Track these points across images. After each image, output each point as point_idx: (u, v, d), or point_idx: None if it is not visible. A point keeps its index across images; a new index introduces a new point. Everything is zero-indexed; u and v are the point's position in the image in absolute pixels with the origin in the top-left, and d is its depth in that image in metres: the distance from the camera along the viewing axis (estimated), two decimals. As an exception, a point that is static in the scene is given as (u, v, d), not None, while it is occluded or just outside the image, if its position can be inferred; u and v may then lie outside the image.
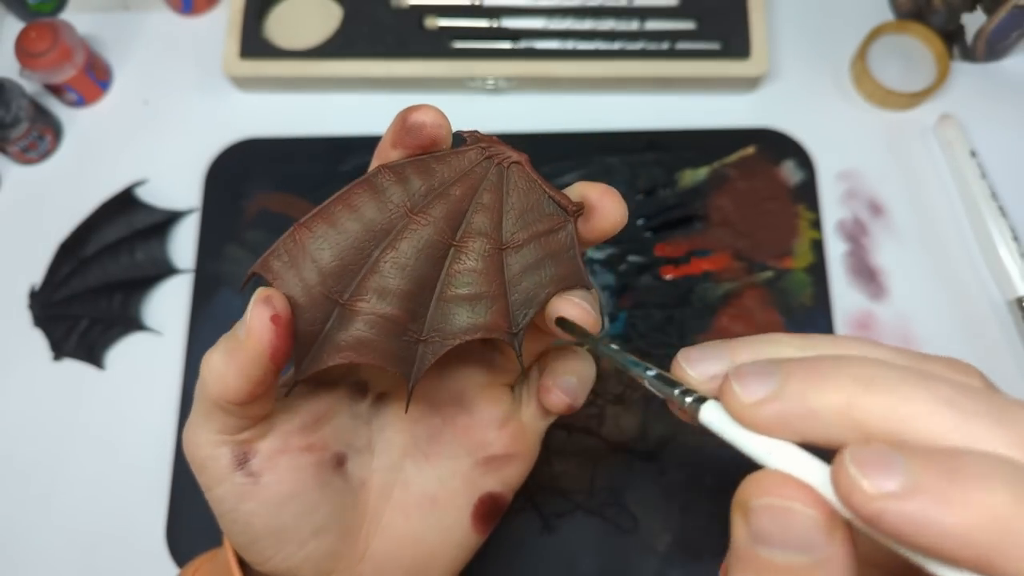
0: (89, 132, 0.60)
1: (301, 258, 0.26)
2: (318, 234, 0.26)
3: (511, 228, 0.28)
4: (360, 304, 0.26)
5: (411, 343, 0.27)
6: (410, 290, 0.27)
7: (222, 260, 0.55)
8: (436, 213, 0.27)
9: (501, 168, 0.28)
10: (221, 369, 0.25)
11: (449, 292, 0.27)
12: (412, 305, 0.27)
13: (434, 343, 0.27)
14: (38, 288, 0.55)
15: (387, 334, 0.26)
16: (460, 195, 0.27)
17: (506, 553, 0.49)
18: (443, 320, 0.27)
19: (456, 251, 0.28)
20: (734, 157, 0.57)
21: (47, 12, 0.62)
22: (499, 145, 0.28)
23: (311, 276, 0.26)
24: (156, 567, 0.49)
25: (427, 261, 0.27)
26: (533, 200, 0.28)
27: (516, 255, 0.28)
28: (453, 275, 0.27)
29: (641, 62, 0.57)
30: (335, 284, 0.26)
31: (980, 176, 0.54)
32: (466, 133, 0.29)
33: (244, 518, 0.28)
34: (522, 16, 0.58)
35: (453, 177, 0.28)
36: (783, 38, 0.61)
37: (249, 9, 0.58)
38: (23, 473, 0.52)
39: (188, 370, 0.53)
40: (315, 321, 0.26)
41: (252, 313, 0.25)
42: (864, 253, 0.55)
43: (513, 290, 0.27)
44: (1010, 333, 0.53)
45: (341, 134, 0.58)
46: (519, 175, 0.28)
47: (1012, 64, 0.59)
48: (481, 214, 0.28)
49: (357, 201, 0.27)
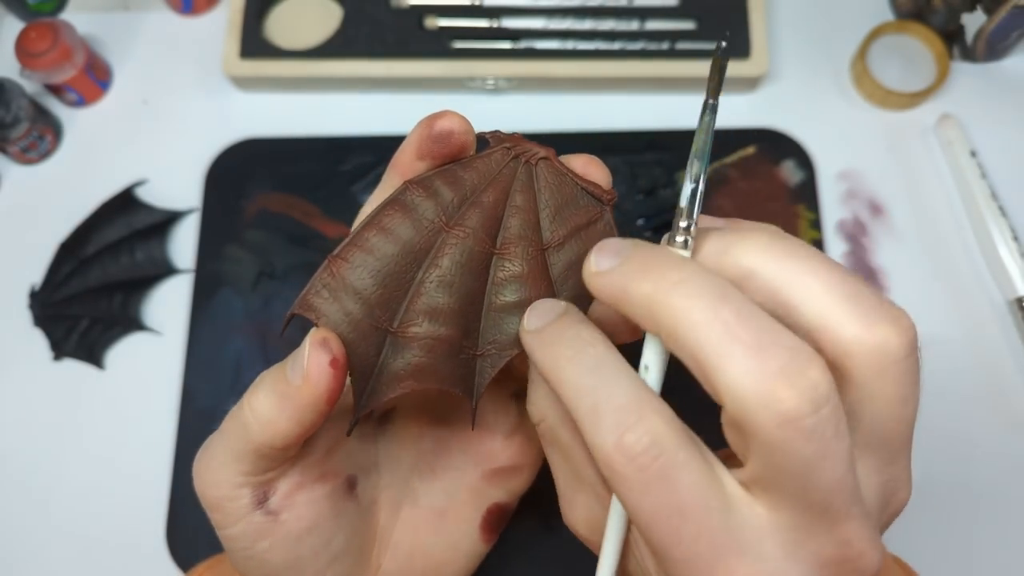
0: (89, 132, 0.60)
1: (342, 291, 0.25)
2: (356, 263, 0.25)
3: (549, 226, 0.27)
4: (412, 330, 0.26)
5: (468, 360, 0.27)
6: (459, 306, 0.26)
7: (222, 260, 0.55)
8: (472, 223, 0.26)
9: (529, 166, 0.28)
10: (271, 415, 0.24)
11: (498, 301, 0.27)
12: (463, 321, 0.26)
13: (491, 355, 0.27)
14: (38, 288, 0.55)
15: (443, 355, 0.26)
16: (493, 201, 0.27)
17: (506, 553, 0.49)
18: (496, 331, 0.27)
19: (498, 259, 0.27)
20: (734, 157, 0.57)
21: (47, 12, 0.62)
22: (523, 143, 0.28)
23: (356, 308, 0.25)
24: (156, 567, 0.49)
25: (471, 274, 0.26)
26: (566, 194, 0.27)
27: (559, 253, 0.27)
28: (499, 284, 0.27)
29: (641, 62, 0.57)
30: (382, 313, 0.25)
31: (980, 176, 0.54)
32: (488, 134, 0.28)
33: (260, 555, 0.27)
34: (522, 16, 0.58)
35: (483, 183, 0.27)
36: (783, 38, 0.60)
37: (249, 9, 0.58)
38: (23, 473, 0.52)
39: (188, 370, 0.53)
40: (368, 354, 0.25)
41: (310, 359, 0.24)
42: (864, 253, 0.55)
43: (561, 288, 0.27)
44: (1010, 333, 0.53)
45: (341, 134, 0.58)
46: (548, 170, 0.28)
47: (1012, 64, 0.59)
48: (517, 217, 0.27)
49: (390, 223, 0.26)
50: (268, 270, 0.55)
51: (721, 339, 0.19)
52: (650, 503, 0.19)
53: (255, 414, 0.24)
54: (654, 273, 0.20)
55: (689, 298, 0.19)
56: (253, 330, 0.54)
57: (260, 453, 0.25)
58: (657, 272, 0.20)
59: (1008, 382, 0.52)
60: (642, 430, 0.19)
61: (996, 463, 0.50)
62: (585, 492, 0.25)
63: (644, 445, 0.19)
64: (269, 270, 0.55)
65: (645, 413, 0.20)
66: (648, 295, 0.20)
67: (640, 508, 0.19)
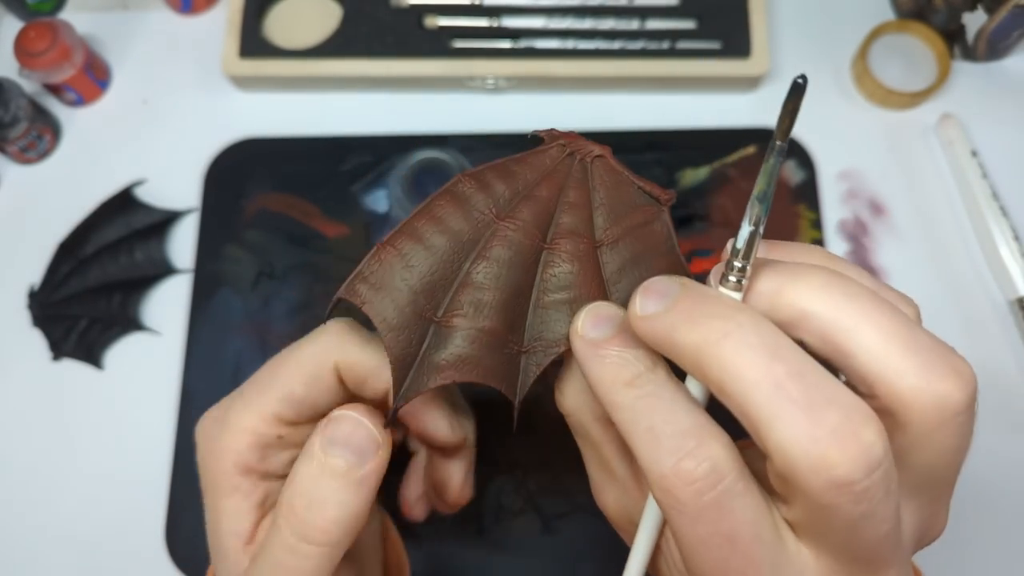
0: (88, 132, 0.60)
1: (388, 278, 0.25)
2: (404, 251, 0.25)
3: (603, 224, 0.27)
4: (456, 319, 0.25)
5: (512, 355, 0.26)
6: (506, 299, 0.26)
7: (221, 260, 0.55)
8: (524, 216, 0.26)
9: (584, 163, 0.27)
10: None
11: (546, 297, 0.26)
12: (510, 315, 0.26)
13: (537, 353, 0.26)
14: (37, 288, 0.55)
15: (487, 348, 0.25)
16: (546, 195, 0.26)
17: (506, 553, 0.49)
18: (543, 328, 0.26)
19: (549, 254, 0.26)
20: (735, 157, 0.56)
21: (46, 11, 0.62)
22: (579, 140, 0.27)
23: (401, 296, 0.25)
24: (156, 567, 0.49)
25: (520, 267, 0.26)
26: (622, 192, 0.27)
27: (612, 252, 0.27)
28: (548, 279, 0.26)
29: (641, 61, 0.56)
30: (427, 302, 0.25)
31: (981, 176, 0.54)
32: (543, 132, 0.27)
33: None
34: (522, 15, 0.58)
35: (536, 178, 0.27)
36: (784, 37, 0.60)
37: (248, 8, 0.58)
38: (22, 473, 0.52)
39: (187, 370, 0.53)
40: (410, 343, 0.25)
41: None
42: (865, 253, 0.55)
43: (613, 289, 0.26)
44: (1011, 333, 0.52)
45: (341, 133, 0.58)
46: (603, 168, 0.27)
47: (1013, 63, 0.59)
48: (570, 213, 0.27)
49: (441, 213, 0.26)
50: (267, 270, 0.55)
51: (772, 398, 0.18)
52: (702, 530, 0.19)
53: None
54: (703, 322, 0.20)
55: (740, 353, 0.19)
56: (252, 330, 0.53)
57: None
58: (706, 321, 0.20)
59: (1008, 382, 0.51)
60: (702, 456, 0.19)
61: (996, 463, 0.50)
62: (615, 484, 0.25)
63: (703, 471, 0.19)
64: (268, 270, 0.55)
65: (705, 439, 0.20)
66: (696, 345, 0.20)
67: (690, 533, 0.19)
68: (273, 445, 0.28)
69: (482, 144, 0.57)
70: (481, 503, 0.49)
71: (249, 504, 0.27)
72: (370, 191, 0.56)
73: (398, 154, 0.56)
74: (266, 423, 0.27)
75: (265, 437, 0.27)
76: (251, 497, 0.27)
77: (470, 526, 0.49)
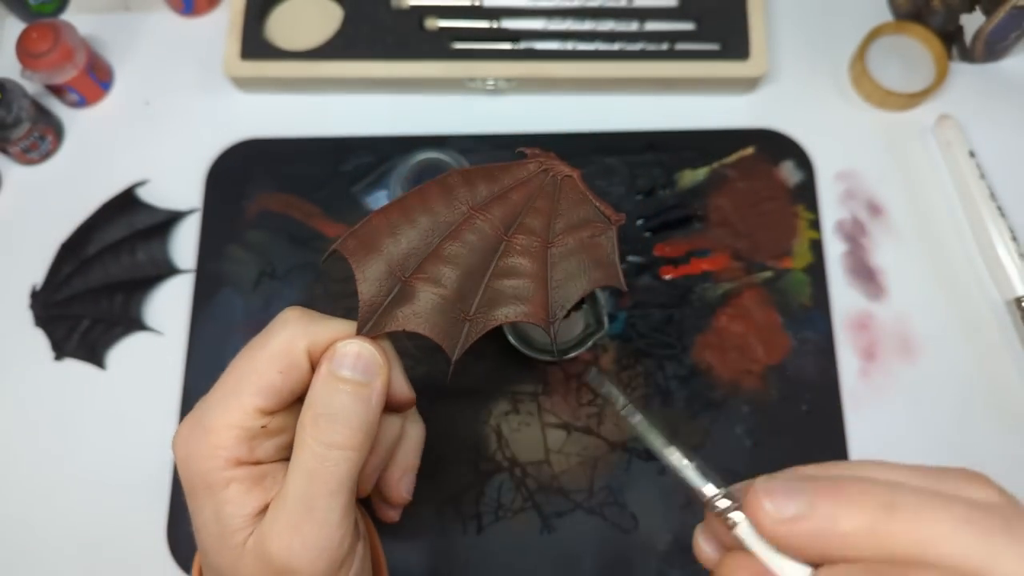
0: (90, 132, 0.60)
1: (375, 240, 0.31)
2: (392, 221, 0.31)
3: (558, 230, 0.32)
4: (419, 282, 0.31)
5: (458, 320, 0.31)
6: (462, 274, 0.31)
7: (223, 260, 0.55)
8: (494, 212, 0.31)
9: (555, 180, 0.32)
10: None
11: (497, 280, 0.31)
12: (463, 288, 0.31)
13: (477, 322, 0.31)
14: (39, 288, 0.55)
15: (438, 310, 0.31)
16: (517, 199, 0.32)
17: (506, 553, 0.49)
18: (489, 304, 0.31)
19: (507, 244, 0.32)
20: (733, 157, 0.57)
21: (48, 13, 0.62)
22: (554, 160, 0.33)
23: (381, 256, 0.31)
24: (157, 567, 0.50)
25: (481, 251, 0.31)
26: (581, 209, 0.32)
27: (559, 253, 0.32)
28: (502, 266, 0.31)
29: (641, 63, 0.57)
30: (400, 264, 0.31)
31: (979, 176, 0.55)
32: (528, 150, 0.33)
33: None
34: (522, 17, 0.58)
35: (513, 184, 0.32)
36: (782, 39, 0.61)
37: (250, 10, 0.58)
38: (24, 473, 0.52)
39: (189, 370, 0.53)
40: (379, 293, 0.30)
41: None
42: (863, 253, 0.55)
43: (553, 283, 0.31)
44: (1008, 333, 0.53)
45: (341, 135, 0.58)
46: (570, 187, 0.32)
47: (1011, 65, 0.59)
48: (533, 216, 0.32)
49: (429, 197, 0.31)
50: (269, 270, 0.55)
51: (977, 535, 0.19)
52: None
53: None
54: (857, 504, 0.20)
55: (923, 511, 0.20)
56: (254, 330, 0.53)
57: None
58: (859, 499, 0.20)
59: (1006, 382, 0.52)
60: None
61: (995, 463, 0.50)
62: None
63: None
64: (270, 270, 0.55)
65: None
66: (868, 526, 0.20)
67: None
68: (259, 435, 0.29)
69: (482, 145, 0.57)
70: (481, 502, 0.50)
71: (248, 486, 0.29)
72: (371, 192, 0.56)
73: (398, 155, 0.56)
74: (249, 417, 0.29)
75: (250, 430, 0.29)
76: (248, 481, 0.29)
77: (470, 525, 0.49)
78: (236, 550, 0.28)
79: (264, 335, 0.30)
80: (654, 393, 0.51)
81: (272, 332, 0.30)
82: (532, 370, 0.52)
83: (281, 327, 0.30)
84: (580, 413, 0.51)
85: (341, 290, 0.54)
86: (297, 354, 0.30)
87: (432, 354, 0.51)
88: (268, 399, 0.29)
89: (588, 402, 0.51)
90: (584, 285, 0.32)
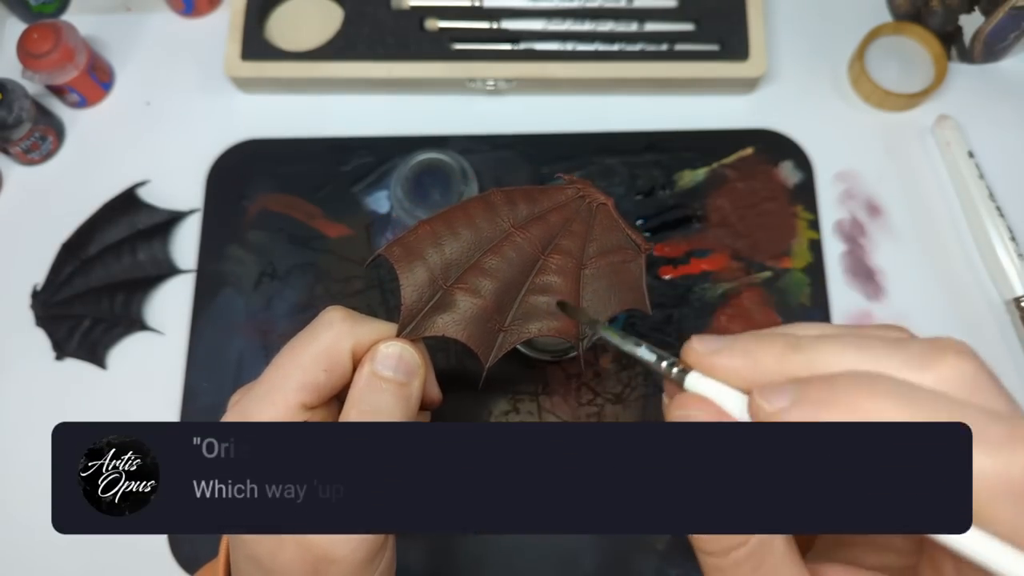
0: (91, 133, 0.60)
1: (419, 248, 0.32)
2: (437, 231, 0.32)
3: (592, 253, 0.34)
4: (460, 292, 0.32)
5: (493, 331, 0.33)
6: (500, 287, 0.33)
7: (224, 260, 0.56)
8: (533, 231, 0.33)
9: (590, 207, 0.34)
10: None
11: (532, 296, 0.33)
12: (500, 300, 0.33)
13: (512, 333, 0.33)
14: (40, 288, 0.55)
15: (475, 319, 0.32)
16: (555, 221, 0.34)
17: (506, 553, 0.49)
18: (523, 317, 0.33)
19: (543, 263, 0.33)
20: (732, 158, 0.57)
21: (49, 13, 0.62)
22: (590, 188, 0.34)
23: (424, 264, 0.32)
24: (158, 568, 0.50)
25: (519, 267, 0.33)
26: (613, 235, 0.34)
27: (591, 274, 0.34)
28: (538, 282, 0.33)
29: (640, 64, 0.57)
30: (442, 273, 0.32)
31: (978, 176, 0.55)
32: (565, 177, 0.35)
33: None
34: (522, 18, 0.58)
35: (551, 207, 0.34)
36: (781, 40, 0.61)
37: (250, 11, 0.59)
38: (25, 473, 0.52)
39: (190, 370, 0.53)
40: (421, 299, 0.32)
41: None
42: (862, 253, 0.55)
43: (584, 301, 0.33)
44: (1007, 333, 0.53)
45: (342, 135, 0.58)
46: (604, 214, 0.34)
47: (1009, 65, 0.60)
48: (569, 238, 0.34)
49: (473, 212, 0.33)
50: (269, 270, 0.55)
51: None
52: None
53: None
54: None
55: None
56: (255, 330, 0.54)
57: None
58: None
59: (1006, 382, 0.51)
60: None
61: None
62: None
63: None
64: (270, 270, 0.55)
65: None
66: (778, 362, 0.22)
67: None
68: None
69: (482, 145, 0.57)
70: (481, 501, 0.50)
71: None
72: (371, 192, 0.56)
73: (399, 155, 0.56)
74: (292, 411, 0.30)
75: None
76: None
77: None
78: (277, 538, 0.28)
79: (309, 333, 0.31)
80: (654, 393, 0.51)
81: (317, 331, 0.31)
82: (532, 370, 0.52)
83: (327, 327, 0.31)
84: (580, 413, 0.51)
85: (341, 290, 0.54)
86: (342, 354, 0.31)
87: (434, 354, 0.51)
88: (311, 395, 0.30)
89: (588, 402, 0.51)
90: (613, 306, 0.33)
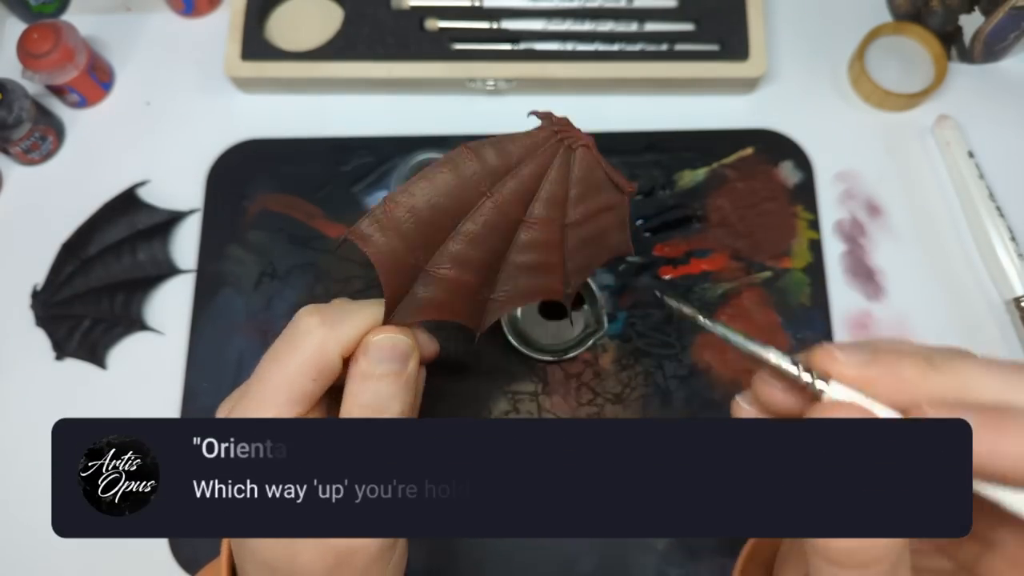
0: (91, 133, 0.60)
1: (390, 228, 0.30)
2: (408, 204, 0.30)
3: (573, 206, 0.32)
4: (441, 271, 0.31)
5: (479, 302, 0.32)
6: (483, 259, 0.31)
7: (224, 260, 0.56)
8: (510, 190, 0.31)
9: (569, 151, 0.31)
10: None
11: (516, 260, 0.32)
12: (484, 271, 0.31)
13: (501, 301, 0.32)
14: (40, 288, 0.55)
15: (461, 296, 0.31)
16: (530, 174, 0.31)
17: (506, 553, 0.49)
18: (509, 283, 0.32)
19: (525, 226, 0.32)
20: (732, 158, 0.57)
21: (49, 13, 0.62)
22: (570, 128, 0.31)
23: (399, 244, 0.30)
24: (158, 567, 0.50)
25: (500, 234, 0.31)
26: (594, 180, 0.32)
27: (575, 231, 0.32)
28: (521, 247, 0.32)
29: (640, 63, 0.57)
30: (420, 252, 0.30)
31: (978, 176, 0.55)
32: (539, 114, 0.32)
33: None
34: (522, 18, 0.58)
35: (525, 155, 0.31)
36: (781, 39, 0.61)
37: (250, 11, 0.59)
38: (25, 473, 0.52)
39: (190, 370, 0.53)
40: (402, 284, 0.31)
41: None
42: (862, 253, 0.55)
43: (569, 260, 0.32)
44: (1008, 333, 0.53)
45: (342, 135, 0.58)
46: (584, 156, 0.31)
47: (1009, 65, 0.60)
48: (548, 192, 0.31)
49: (439, 179, 0.30)
50: (269, 270, 0.55)
51: None
52: None
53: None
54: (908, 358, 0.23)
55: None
56: (255, 330, 0.54)
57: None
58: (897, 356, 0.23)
59: (1005, 382, 0.52)
60: None
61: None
62: None
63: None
64: (270, 270, 0.55)
65: None
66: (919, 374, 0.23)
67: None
68: None
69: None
70: (481, 501, 0.50)
71: None
72: (371, 192, 0.56)
73: (399, 155, 0.56)
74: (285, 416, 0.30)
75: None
76: None
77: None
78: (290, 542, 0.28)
79: (288, 343, 0.30)
80: (653, 393, 0.51)
81: (297, 341, 0.30)
82: (532, 370, 0.52)
83: (306, 336, 0.30)
84: (580, 413, 0.51)
85: (341, 290, 0.54)
86: (329, 360, 0.30)
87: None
88: (303, 405, 0.30)
89: (588, 402, 0.51)
90: (599, 256, 0.32)
